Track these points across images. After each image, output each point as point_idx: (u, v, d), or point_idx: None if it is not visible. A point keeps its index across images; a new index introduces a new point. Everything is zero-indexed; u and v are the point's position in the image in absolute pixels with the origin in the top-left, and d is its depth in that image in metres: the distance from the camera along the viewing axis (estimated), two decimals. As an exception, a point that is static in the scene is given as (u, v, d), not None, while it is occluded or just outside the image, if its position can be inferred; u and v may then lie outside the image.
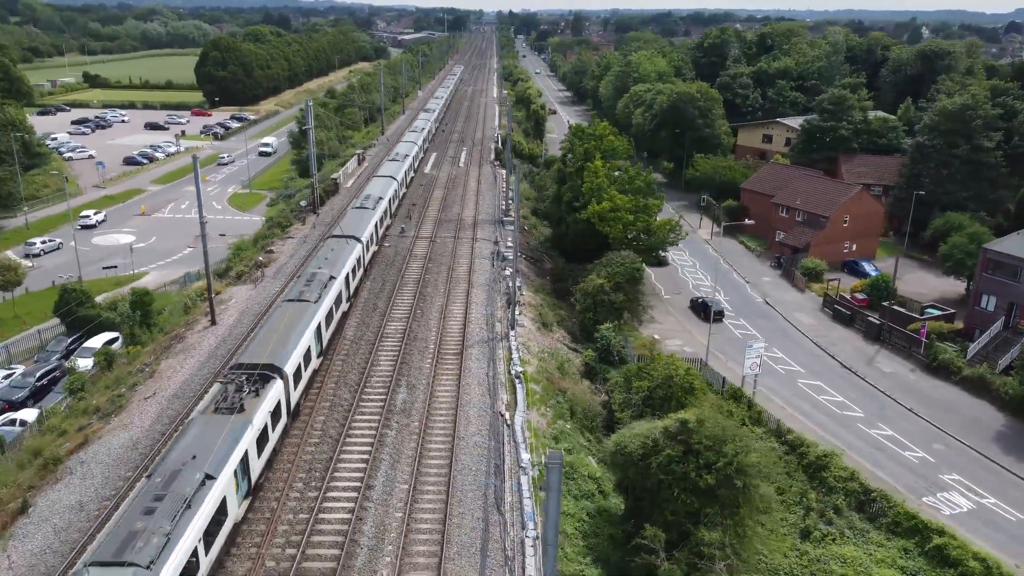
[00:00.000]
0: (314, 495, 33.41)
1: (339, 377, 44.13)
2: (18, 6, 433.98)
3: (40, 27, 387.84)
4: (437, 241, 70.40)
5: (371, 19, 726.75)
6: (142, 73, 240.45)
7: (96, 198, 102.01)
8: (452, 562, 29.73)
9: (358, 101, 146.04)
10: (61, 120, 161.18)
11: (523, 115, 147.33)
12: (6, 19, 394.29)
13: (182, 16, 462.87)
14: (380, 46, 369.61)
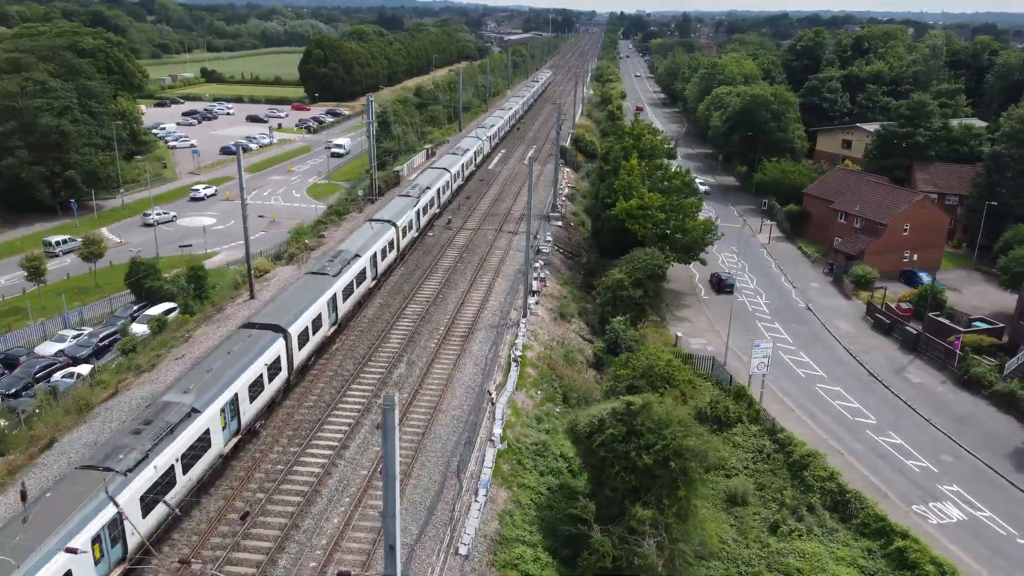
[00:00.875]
0: (295, 450, 36.96)
1: (349, 349, 47.73)
2: (154, 5, 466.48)
3: (172, 25, 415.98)
4: (479, 233, 73.40)
5: (482, 19, 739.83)
6: (256, 69, 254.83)
7: (188, 183, 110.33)
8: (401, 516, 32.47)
9: (442, 99, 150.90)
10: (174, 112, 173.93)
11: (604, 115, 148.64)
12: (143, 17, 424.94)
13: (301, 15, 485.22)
14: (484, 46, 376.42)
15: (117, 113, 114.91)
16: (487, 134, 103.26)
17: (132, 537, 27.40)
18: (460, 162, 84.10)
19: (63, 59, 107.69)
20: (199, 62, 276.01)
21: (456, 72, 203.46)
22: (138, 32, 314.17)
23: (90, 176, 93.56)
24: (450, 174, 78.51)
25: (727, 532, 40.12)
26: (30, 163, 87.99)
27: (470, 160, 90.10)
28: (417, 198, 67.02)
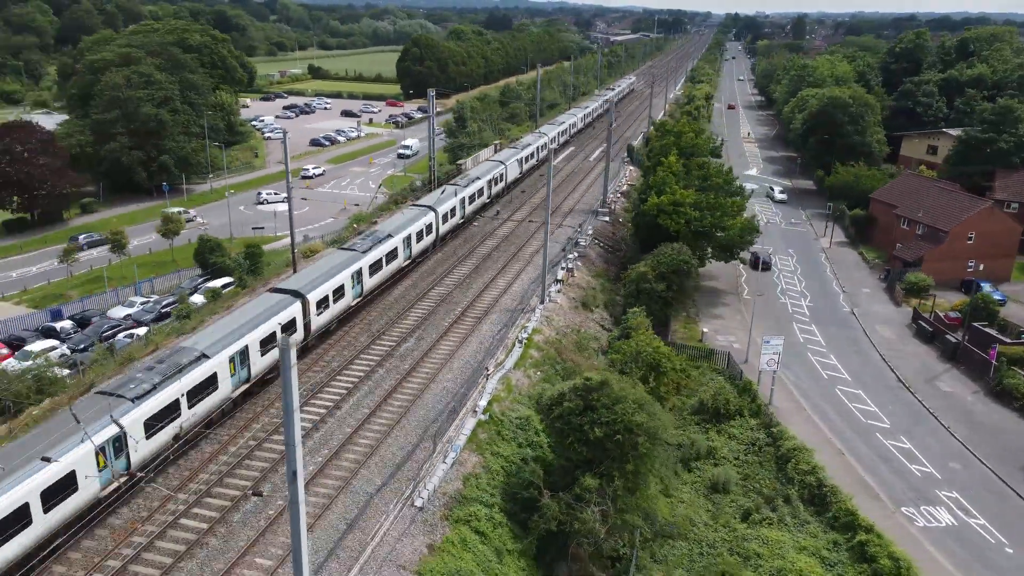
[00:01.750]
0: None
1: (367, 323, 51.35)
2: (276, 5, 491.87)
3: (292, 24, 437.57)
4: (524, 224, 75.95)
5: (592, 20, 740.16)
6: (361, 67, 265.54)
7: (275, 172, 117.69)
8: (367, 469, 35.73)
9: (524, 97, 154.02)
10: (276, 105, 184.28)
11: (683, 114, 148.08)
12: (266, 17, 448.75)
13: (413, 16, 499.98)
14: (587, 46, 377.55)
15: (215, 105, 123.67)
16: (554, 131, 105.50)
17: (135, 453, 32.13)
18: (516, 157, 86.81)
19: (169, 54, 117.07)
20: (311, 59, 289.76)
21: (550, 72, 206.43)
22: (256, 31, 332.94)
23: (182, 161, 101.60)
24: (504, 167, 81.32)
25: (701, 516, 41.27)
26: (130, 148, 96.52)
27: (529, 155, 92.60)
28: (463, 187, 70.20)
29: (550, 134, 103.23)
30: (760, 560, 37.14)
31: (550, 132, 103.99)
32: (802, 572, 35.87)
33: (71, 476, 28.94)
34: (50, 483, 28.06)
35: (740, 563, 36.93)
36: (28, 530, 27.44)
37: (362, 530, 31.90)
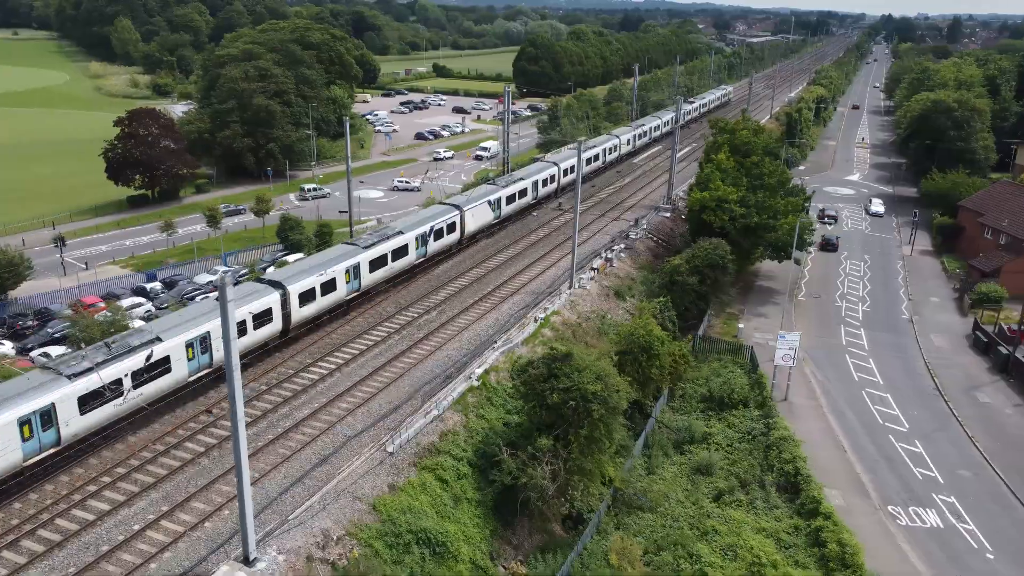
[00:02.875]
0: (256, 385, 45.61)
1: (395, 299, 55.81)
2: (416, 6, 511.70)
3: (429, 25, 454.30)
4: (582, 217, 78.37)
5: (731, 22, 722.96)
6: (485, 66, 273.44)
7: (375, 162, 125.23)
8: (353, 416, 40.04)
9: (626, 96, 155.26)
10: (394, 101, 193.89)
11: (784, 117, 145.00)
12: (405, 18, 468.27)
13: (545, 16, 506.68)
14: (718, 48, 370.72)
15: (328, 99, 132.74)
16: (636, 132, 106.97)
17: (66, 428, 34.06)
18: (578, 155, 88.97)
19: (288, 50, 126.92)
20: (437, 59, 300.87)
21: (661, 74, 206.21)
22: (391, 31, 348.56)
23: (287, 149, 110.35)
24: (556, 168, 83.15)
25: (677, 494, 42.95)
26: (242, 136, 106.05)
27: (597, 155, 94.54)
28: (502, 187, 72.56)
29: (629, 134, 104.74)
30: (717, 536, 38.55)
31: (631, 133, 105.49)
32: (753, 549, 37.08)
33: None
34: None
35: (696, 536, 38.55)
36: None
37: (332, 465, 36.14)
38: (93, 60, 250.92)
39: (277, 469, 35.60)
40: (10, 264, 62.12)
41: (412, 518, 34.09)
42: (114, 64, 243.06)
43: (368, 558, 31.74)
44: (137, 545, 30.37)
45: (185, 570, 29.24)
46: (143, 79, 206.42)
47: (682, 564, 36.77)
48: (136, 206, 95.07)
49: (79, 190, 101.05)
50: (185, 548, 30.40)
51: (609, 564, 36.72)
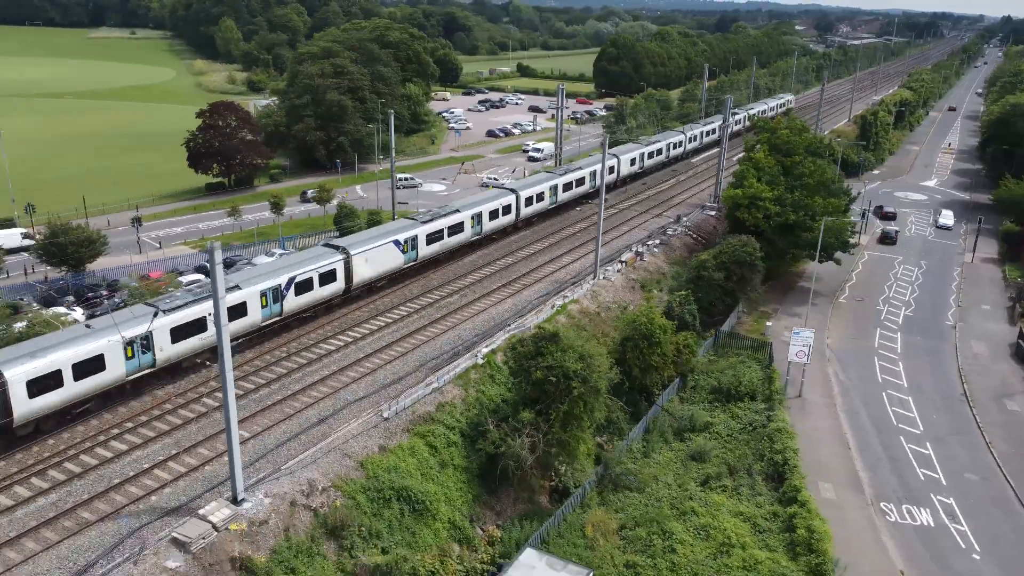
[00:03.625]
0: (322, 332, 49.18)
1: (426, 280, 58.94)
2: (509, 7, 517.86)
3: (521, 26, 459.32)
4: (624, 212, 79.93)
5: (834, 23, 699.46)
6: (571, 67, 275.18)
7: (443, 157, 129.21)
8: (358, 384, 43.27)
9: (699, 96, 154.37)
10: (473, 100, 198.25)
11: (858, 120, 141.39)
12: (498, 18, 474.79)
13: (638, 17, 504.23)
14: (812, 49, 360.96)
15: (402, 95, 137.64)
16: (697, 131, 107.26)
17: (160, 352, 41.18)
18: (635, 153, 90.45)
19: (365, 49, 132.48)
20: (523, 59, 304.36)
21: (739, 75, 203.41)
22: (481, 31, 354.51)
23: (356, 143, 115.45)
24: (617, 160, 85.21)
25: (667, 477, 44.26)
26: (314, 129, 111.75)
27: (654, 152, 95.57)
28: (559, 176, 75.46)
29: (689, 134, 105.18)
30: (694, 517, 39.72)
31: (691, 132, 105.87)
32: (726, 531, 38.20)
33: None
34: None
35: (674, 516, 39.90)
36: (60, 390, 37.15)
37: (329, 425, 39.36)
38: (198, 58, 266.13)
39: (279, 425, 39.10)
40: (88, 241, 68.28)
41: (396, 477, 36.88)
42: (216, 62, 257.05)
43: (349, 509, 34.68)
44: (143, 480, 34.32)
45: (180, 503, 32.89)
46: (240, 76, 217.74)
47: (655, 540, 38.23)
48: (213, 193, 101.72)
49: (165, 177, 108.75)
50: (184, 486, 34.14)
51: (584, 535, 38.60)
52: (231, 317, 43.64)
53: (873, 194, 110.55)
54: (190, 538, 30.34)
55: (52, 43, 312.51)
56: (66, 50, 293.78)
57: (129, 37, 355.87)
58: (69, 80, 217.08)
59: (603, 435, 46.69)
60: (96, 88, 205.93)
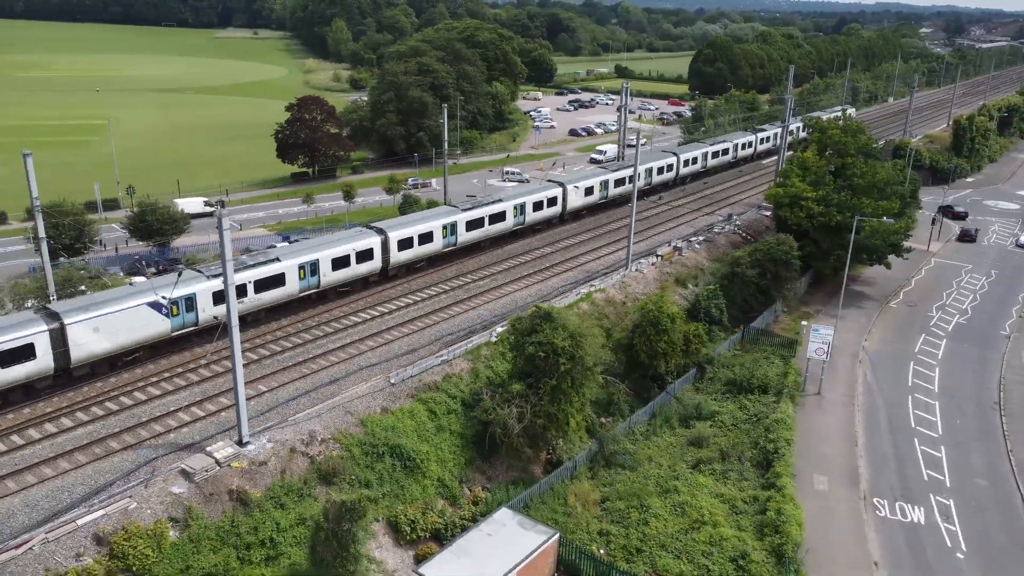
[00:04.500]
0: (352, 305, 53.28)
1: (461, 263, 62.37)
2: (618, 8, 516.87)
3: (629, 27, 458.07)
4: (677, 209, 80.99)
5: (966, 25, 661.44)
6: (675, 69, 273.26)
7: (521, 154, 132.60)
8: (373, 353, 47.03)
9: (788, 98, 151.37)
10: (564, 100, 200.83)
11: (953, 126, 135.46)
12: (606, 20, 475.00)
13: (750, 19, 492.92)
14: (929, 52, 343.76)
15: (487, 94, 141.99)
16: (769, 133, 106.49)
17: (203, 313, 46.26)
18: (696, 152, 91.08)
19: (452, 48, 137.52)
20: (626, 60, 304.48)
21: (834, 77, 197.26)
22: (585, 33, 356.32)
23: (435, 138, 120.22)
24: (677, 159, 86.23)
25: (662, 459, 45.85)
26: (395, 124, 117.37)
27: (719, 151, 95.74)
28: (611, 171, 77.47)
29: (760, 136, 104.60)
30: (675, 495, 41.19)
31: (763, 134, 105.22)
32: (701, 509, 39.58)
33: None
34: None
35: (656, 493, 41.56)
36: (111, 339, 42.69)
37: (339, 386, 43.23)
38: (310, 57, 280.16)
39: (294, 383, 43.31)
40: (172, 220, 75.37)
41: (392, 435, 40.31)
42: (326, 61, 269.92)
43: (343, 459, 38.34)
44: (167, 420, 39.14)
45: (193, 442, 37.41)
46: (344, 74, 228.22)
47: (632, 513, 40.07)
48: (297, 181, 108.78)
49: (258, 166, 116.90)
50: (200, 428, 38.72)
51: (566, 503, 40.89)
52: (271, 286, 49.11)
53: (961, 201, 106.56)
54: (195, 470, 34.68)
55: (182, 42, 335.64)
56: (194, 49, 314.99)
57: (251, 37, 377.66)
58: (191, 76, 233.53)
59: (605, 416, 48.64)
60: (212, 84, 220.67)
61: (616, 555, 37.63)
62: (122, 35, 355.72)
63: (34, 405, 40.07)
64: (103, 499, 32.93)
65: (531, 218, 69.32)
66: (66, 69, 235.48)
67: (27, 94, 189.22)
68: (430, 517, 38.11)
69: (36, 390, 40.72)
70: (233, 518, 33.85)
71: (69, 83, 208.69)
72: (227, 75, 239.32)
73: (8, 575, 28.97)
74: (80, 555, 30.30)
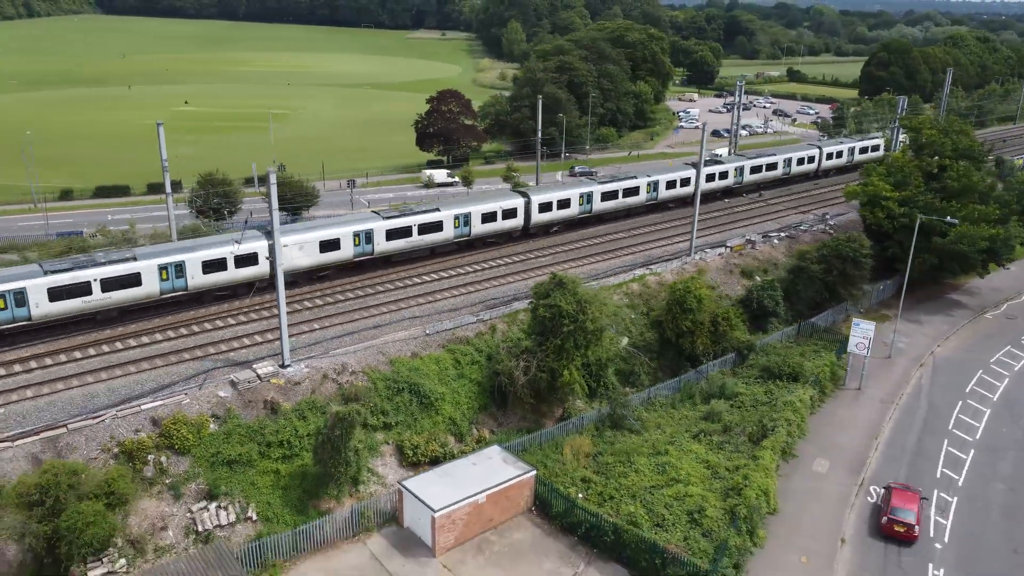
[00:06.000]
0: (425, 269, 59.89)
1: (534, 240, 67.62)
2: (811, 11, 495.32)
3: (822, 30, 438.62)
4: (774, 205, 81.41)
5: None
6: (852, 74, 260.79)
7: (655, 152, 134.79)
8: (419, 307, 53.25)
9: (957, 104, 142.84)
10: (720, 102, 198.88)
11: None
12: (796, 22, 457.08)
13: (960, 22, 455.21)
14: None
15: (629, 93, 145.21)
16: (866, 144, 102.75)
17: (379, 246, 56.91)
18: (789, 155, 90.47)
19: (596, 47, 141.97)
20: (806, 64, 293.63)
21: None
22: (765, 35, 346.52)
23: (568, 133, 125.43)
24: (777, 159, 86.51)
25: (669, 427, 48.57)
26: (529, 118, 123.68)
27: (833, 153, 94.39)
28: (748, 158, 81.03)
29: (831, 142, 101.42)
30: (663, 456, 43.96)
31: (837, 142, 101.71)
32: (681, 470, 42.23)
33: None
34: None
35: (647, 453, 44.61)
36: (223, 273, 51.77)
37: (380, 332, 49.82)
38: (486, 57, 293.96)
39: (343, 326, 50.47)
40: (305, 193, 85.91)
41: (414, 375, 46.26)
42: (499, 60, 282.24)
43: (367, 389, 44.80)
44: (232, 343, 47.51)
45: (247, 360, 45.32)
46: (510, 73, 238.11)
47: (617, 467, 43.49)
48: (432, 168, 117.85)
49: (403, 154, 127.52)
50: (255, 351, 46.71)
51: (560, 453, 45.02)
52: (431, 231, 60.75)
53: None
54: (240, 381, 42.43)
55: (375, 42, 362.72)
56: (383, 48, 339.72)
57: (439, 38, 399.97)
58: (372, 73, 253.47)
59: (627, 385, 51.94)
60: (388, 80, 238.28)
61: (591, 499, 41.30)
62: (324, 35, 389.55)
63: (139, 322, 49.88)
64: (165, 394, 41.40)
65: (663, 196, 76.06)
66: (264, 65, 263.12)
67: (227, 86, 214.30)
68: (431, 446, 43.64)
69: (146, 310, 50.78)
70: (262, 422, 41.16)
71: (264, 77, 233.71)
72: (404, 72, 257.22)
73: (84, 437, 37.75)
74: (138, 431, 38.62)
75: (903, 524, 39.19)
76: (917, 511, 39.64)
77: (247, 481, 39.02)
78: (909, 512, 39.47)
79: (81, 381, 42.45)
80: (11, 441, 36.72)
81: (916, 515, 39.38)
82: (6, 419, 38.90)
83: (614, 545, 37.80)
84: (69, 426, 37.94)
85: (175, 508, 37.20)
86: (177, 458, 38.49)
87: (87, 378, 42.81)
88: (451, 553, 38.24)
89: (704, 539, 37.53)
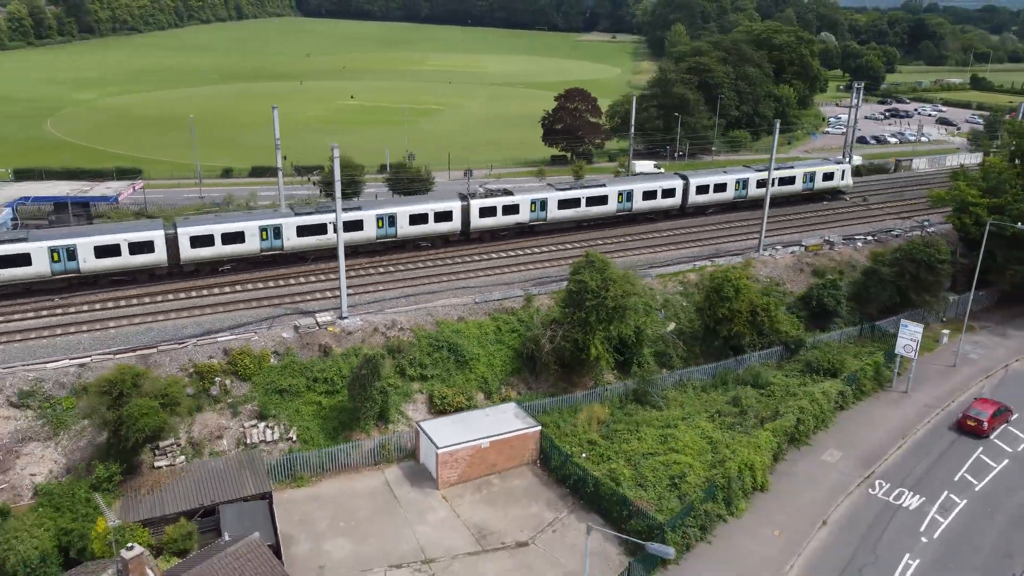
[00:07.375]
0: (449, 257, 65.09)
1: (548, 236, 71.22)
2: (1020, 15, 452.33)
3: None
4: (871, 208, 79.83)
5: None
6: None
7: (790, 156, 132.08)
8: (475, 279, 58.46)
9: None
10: (882, 108, 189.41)
11: None
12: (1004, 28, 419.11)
13: None
14: None
15: (769, 95, 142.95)
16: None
17: (288, 241, 60.56)
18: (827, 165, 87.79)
19: (736, 49, 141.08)
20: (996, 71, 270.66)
21: None
22: (955, 40, 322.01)
23: (694, 132, 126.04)
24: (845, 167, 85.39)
25: (691, 406, 50.74)
26: (655, 119, 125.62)
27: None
28: (756, 171, 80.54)
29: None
30: (671, 429, 46.54)
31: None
32: (680, 441, 44.64)
33: None
34: None
35: (657, 426, 47.30)
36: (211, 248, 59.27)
37: (434, 297, 55.49)
38: (647, 60, 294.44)
39: (402, 289, 56.68)
40: (420, 179, 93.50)
41: (455, 336, 51.59)
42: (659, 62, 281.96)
43: (410, 343, 50.65)
44: (304, 295, 55.04)
45: (311, 311, 52.52)
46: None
47: (623, 434, 46.66)
48: (554, 163, 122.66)
49: (529, 148, 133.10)
50: (321, 304, 53.89)
51: (576, 418, 48.70)
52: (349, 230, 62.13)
53: None
54: (301, 326, 49.63)
55: (546, 44, 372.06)
56: (551, 49, 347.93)
57: (608, 41, 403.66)
58: (531, 73, 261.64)
59: (662, 367, 54.49)
60: (543, 80, 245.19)
61: (592, 459, 44.82)
62: (498, 37, 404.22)
63: (239, 273, 58.76)
64: (238, 331, 49.27)
65: (647, 205, 75.40)
66: (434, 64, 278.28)
67: (395, 83, 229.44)
68: (458, 398, 48.66)
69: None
70: (314, 361, 48.03)
71: (432, 75, 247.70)
72: (562, 73, 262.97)
73: (169, 357, 46.12)
74: (211, 357, 46.56)
75: (975, 420, 48.48)
76: (991, 413, 48.55)
77: (293, 408, 45.91)
78: (983, 412, 48.67)
79: (178, 315, 51.35)
80: (114, 355, 45.67)
81: (989, 416, 48.33)
82: (116, 338, 48.16)
83: (594, 497, 41.28)
84: (159, 348, 46.50)
85: (232, 423, 44.69)
86: (239, 383, 46.03)
87: (183, 313, 51.68)
88: (453, 488, 43.23)
89: (678, 501, 40.14)
